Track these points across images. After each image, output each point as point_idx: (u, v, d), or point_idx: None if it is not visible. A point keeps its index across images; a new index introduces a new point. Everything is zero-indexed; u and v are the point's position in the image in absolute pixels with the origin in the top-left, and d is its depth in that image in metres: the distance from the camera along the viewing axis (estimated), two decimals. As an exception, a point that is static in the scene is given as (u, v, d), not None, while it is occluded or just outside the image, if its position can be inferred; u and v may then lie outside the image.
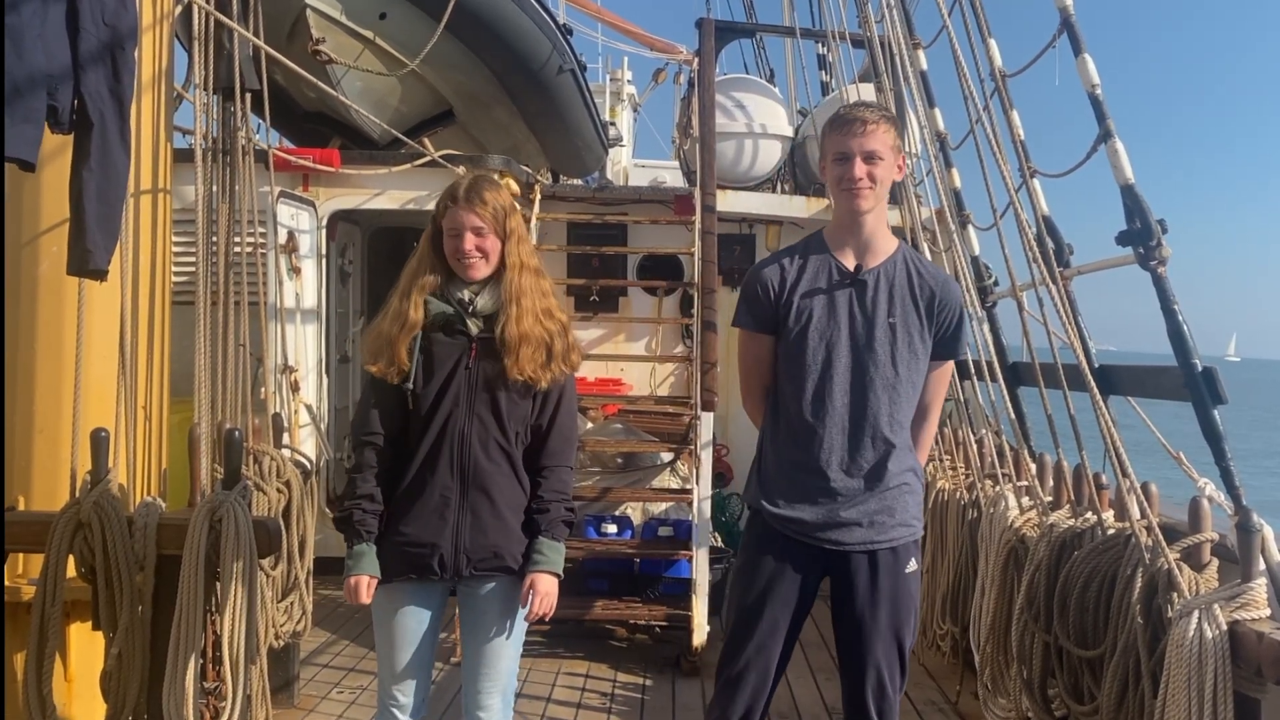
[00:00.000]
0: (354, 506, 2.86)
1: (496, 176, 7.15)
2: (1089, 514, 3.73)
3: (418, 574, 2.87)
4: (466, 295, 2.90)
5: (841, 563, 2.98)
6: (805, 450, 2.98)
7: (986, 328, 5.40)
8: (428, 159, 6.90)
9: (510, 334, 2.85)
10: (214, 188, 4.19)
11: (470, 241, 2.86)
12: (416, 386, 2.84)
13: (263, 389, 4.94)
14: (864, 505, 2.95)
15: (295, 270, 6.61)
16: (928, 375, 3.04)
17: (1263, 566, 2.81)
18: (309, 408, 6.41)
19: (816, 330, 2.96)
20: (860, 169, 2.89)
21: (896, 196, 7.73)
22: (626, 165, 16.81)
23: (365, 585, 2.84)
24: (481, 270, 2.89)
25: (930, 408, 3.12)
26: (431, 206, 3.02)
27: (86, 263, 2.70)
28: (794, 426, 3.01)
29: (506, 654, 2.97)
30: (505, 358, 2.85)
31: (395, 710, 2.93)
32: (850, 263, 2.99)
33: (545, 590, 2.90)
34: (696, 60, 9.19)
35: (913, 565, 3.01)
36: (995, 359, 5.21)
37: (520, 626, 3.00)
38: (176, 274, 4.11)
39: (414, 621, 2.91)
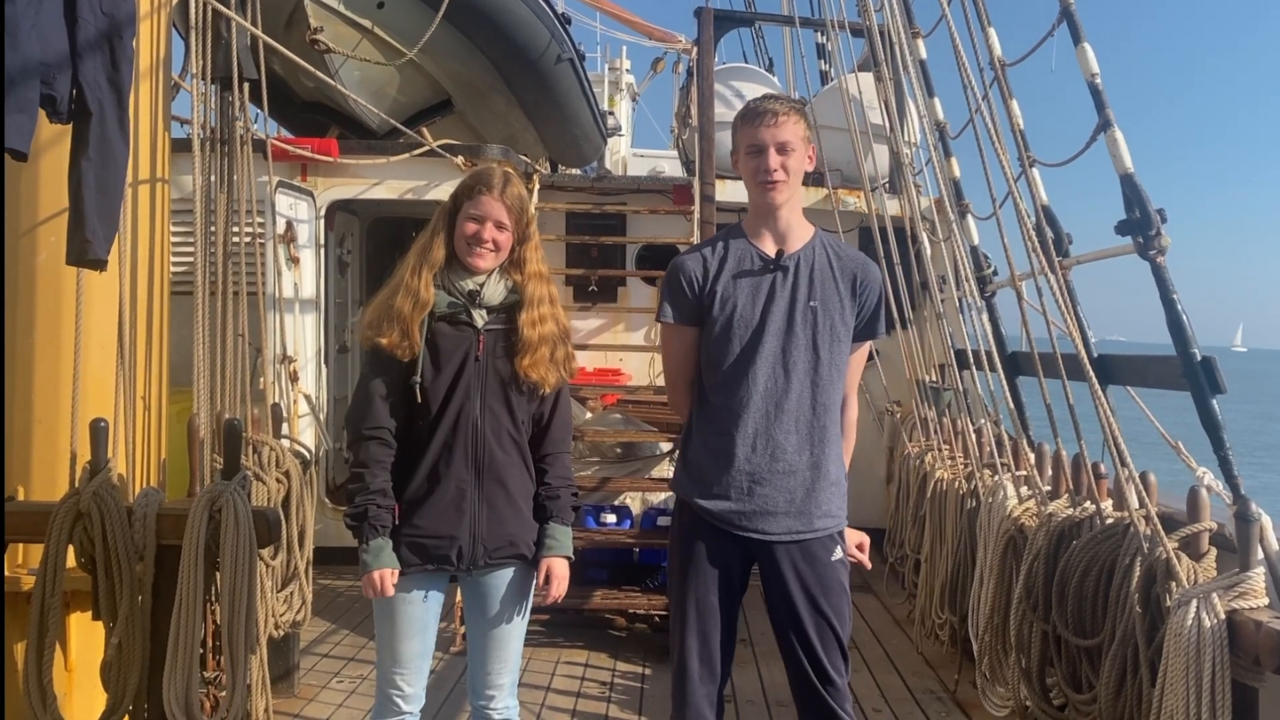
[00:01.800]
0: (368, 502, 2.81)
1: (494, 166, 7.18)
2: (1087, 503, 3.73)
3: (433, 565, 2.88)
4: (471, 285, 2.91)
5: (767, 553, 2.99)
6: (729, 439, 2.97)
7: (985, 317, 5.40)
8: (426, 149, 6.89)
9: (530, 337, 2.90)
10: (212, 177, 4.18)
11: (490, 232, 2.88)
12: (425, 380, 2.84)
13: (261, 379, 4.95)
14: (789, 495, 2.95)
15: (294, 260, 6.60)
16: (852, 355, 3.06)
17: (1261, 555, 2.82)
18: (308, 398, 6.41)
19: (741, 317, 2.97)
20: (774, 160, 2.92)
21: (895, 186, 7.74)
22: (625, 155, 16.81)
23: (389, 579, 2.81)
24: (488, 263, 2.91)
25: (852, 386, 3.13)
26: (430, 196, 3.04)
27: (85, 253, 2.70)
28: (718, 415, 3.01)
29: (516, 639, 3.02)
30: (521, 357, 2.89)
31: (399, 700, 2.92)
32: (770, 249, 3.01)
33: (561, 574, 2.98)
34: (695, 49, 9.18)
35: (838, 553, 3.02)
36: (994, 349, 5.21)
37: (528, 613, 3.05)
38: (175, 264, 4.10)
39: (420, 611, 2.91)
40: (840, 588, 3.01)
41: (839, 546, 3.03)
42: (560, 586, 2.97)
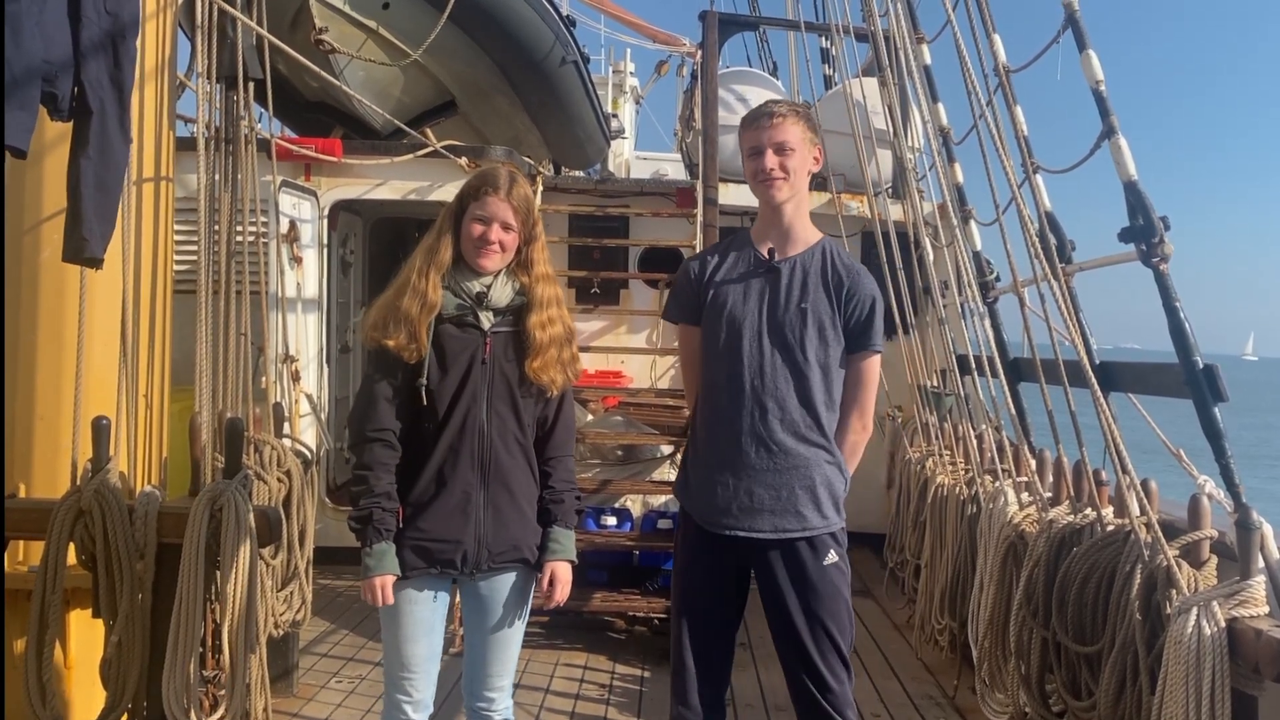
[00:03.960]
0: (373, 505, 2.79)
1: (500, 167, 7.18)
2: (1088, 510, 3.73)
3: (438, 568, 2.86)
4: (478, 287, 2.89)
5: (758, 554, 3.01)
6: (717, 438, 3.01)
7: (988, 323, 5.40)
8: (430, 149, 6.89)
9: (540, 339, 2.89)
10: (216, 176, 4.19)
11: (497, 233, 2.88)
12: (431, 383, 2.82)
13: (263, 378, 4.95)
14: (774, 493, 2.96)
15: (296, 260, 6.61)
16: (850, 368, 3.05)
17: (1261, 564, 2.82)
18: (309, 397, 6.42)
19: (729, 316, 3.01)
20: (771, 160, 2.98)
21: (899, 191, 7.74)
22: (628, 157, 16.81)
23: (389, 585, 2.80)
24: (495, 263, 2.90)
25: (855, 401, 3.08)
26: (434, 197, 3.04)
27: (82, 250, 2.70)
28: (710, 415, 3.05)
29: (515, 642, 3.02)
30: (531, 359, 2.88)
31: (407, 706, 2.90)
32: (766, 251, 3.05)
33: (565, 579, 2.98)
34: (699, 53, 9.18)
35: (832, 558, 3.00)
36: (996, 354, 5.21)
37: (527, 615, 3.05)
38: (178, 263, 4.11)
39: (427, 613, 2.90)
40: (835, 591, 3.00)
41: (832, 550, 3.02)
42: (564, 591, 2.97)
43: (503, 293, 2.91)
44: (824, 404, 3.01)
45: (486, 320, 2.88)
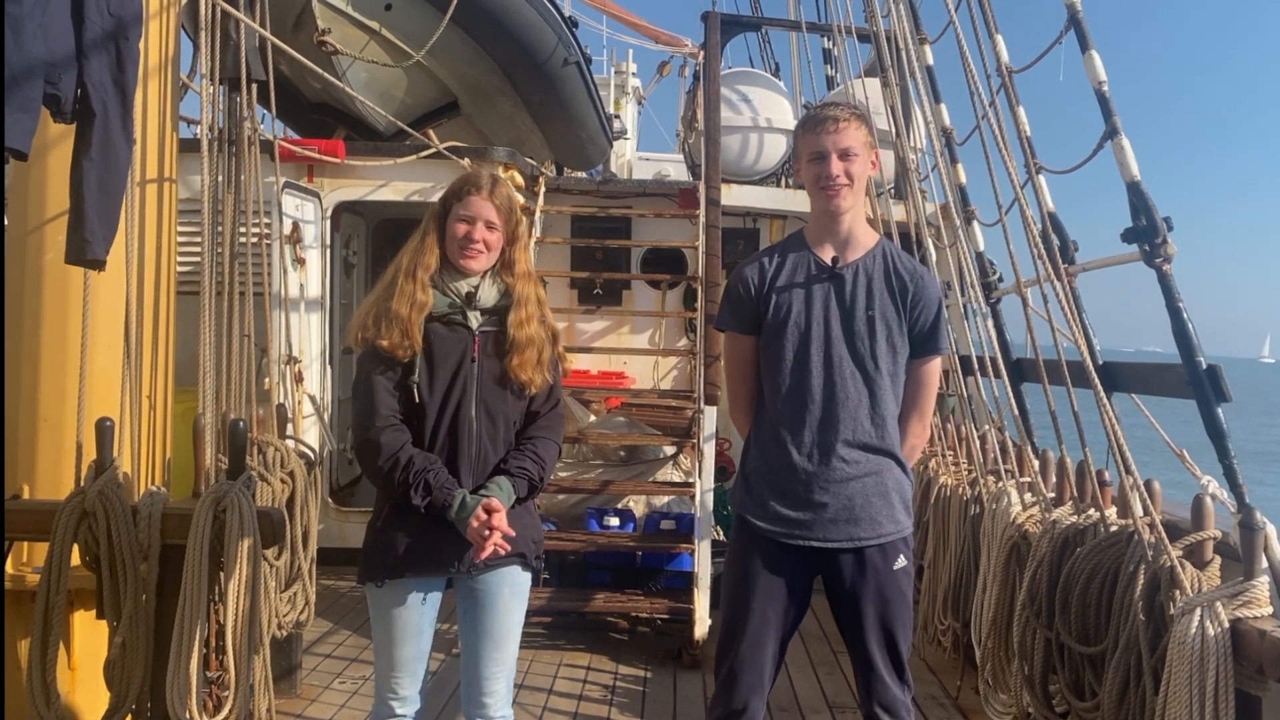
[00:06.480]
0: (423, 476, 2.75)
1: (501, 169, 7.19)
2: (1091, 511, 3.73)
3: (435, 569, 2.87)
4: (466, 287, 2.92)
5: (829, 561, 2.99)
6: (785, 448, 2.97)
7: (991, 323, 5.40)
8: (432, 150, 6.90)
9: (520, 337, 2.90)
10: (219, 178, 4.19)
11: (481, 232, 2.89)
12: (422, 380, 2.84)
13: (267, 379, 4.95)
14: (846, 503, 2.94)
15: (299, 261, 6.61)
16: (912, 372, 3.03)
17: (1265, 564, 2.82)
18: (313, 398, 6.42)
19: (794, 324, 2.97)
20: (837, 166, 2.91)
21: (901, 191, 7.74)
22: (630, 158, 16.82)
23: (493, 516, 2.74)
24: (481, 263, 2.92)
25: (915, 406, 3.07)
26: (436, 198, 3.05)
27: (84, 252, 2.70)
28: (774, 424, 3.01)
29: (513, 639, 3.01)
30: (511, 357, 2.89)
31: (394, 703, 2.93)
32: (828, 258, 3.00)
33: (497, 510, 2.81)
34: (702, 53, 9.18)
35: (901, 562, 3.00)
36: (999, 355, 5.21)
37: (523, 615, 3.04)
38: (181, 264, 4.11)
39: (416, 616, 2.92)
40: (901, 596, 2.99)
41: (902, 554, 3.01)
42: (498, 520, 2.77)
43: (490, 293, 2.94)
44: (891, 411, 2.99)
45: (474, 319, 2.91)
